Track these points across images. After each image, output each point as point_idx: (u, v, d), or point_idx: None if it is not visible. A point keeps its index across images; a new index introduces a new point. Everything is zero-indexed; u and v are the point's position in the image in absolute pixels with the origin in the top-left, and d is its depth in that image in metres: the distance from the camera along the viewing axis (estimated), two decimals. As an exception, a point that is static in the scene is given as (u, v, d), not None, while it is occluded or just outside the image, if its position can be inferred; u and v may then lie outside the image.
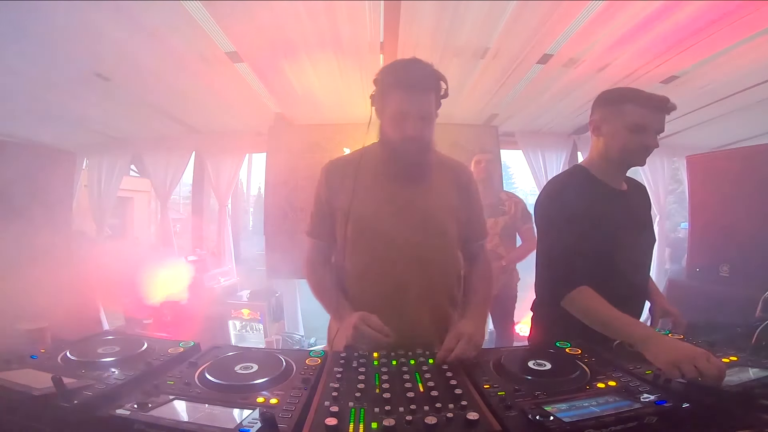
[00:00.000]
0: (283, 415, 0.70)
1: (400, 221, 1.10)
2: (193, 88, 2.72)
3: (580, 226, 1.13)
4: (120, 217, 10.64)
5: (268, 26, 2.02)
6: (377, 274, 1.11)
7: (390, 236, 1.10)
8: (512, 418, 0.69)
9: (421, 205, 1.12)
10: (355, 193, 1.10)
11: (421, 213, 1.11)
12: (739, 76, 2.40)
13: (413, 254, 1.10)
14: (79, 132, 3.53)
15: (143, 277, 3.25)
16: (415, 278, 1.10)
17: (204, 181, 4.06)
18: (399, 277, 1.10)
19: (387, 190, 1.12)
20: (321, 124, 3.54)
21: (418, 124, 1.05)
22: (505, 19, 1.96)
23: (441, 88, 1.09)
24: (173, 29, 1.98)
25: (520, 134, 3.78)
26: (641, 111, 1.13)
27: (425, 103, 1.05)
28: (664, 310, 1.28)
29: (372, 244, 1.11)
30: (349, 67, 2.42)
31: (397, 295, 1.10)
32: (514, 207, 2.54)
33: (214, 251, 3.99)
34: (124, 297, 3.44)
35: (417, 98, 1.04)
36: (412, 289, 1.10)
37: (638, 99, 1.14)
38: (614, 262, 1.17)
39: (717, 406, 0.73)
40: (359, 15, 1.94)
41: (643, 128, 1.14)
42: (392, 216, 1.10)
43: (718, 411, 0.73)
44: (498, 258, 2.49)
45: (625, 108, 1.15)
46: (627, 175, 1.31)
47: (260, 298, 3.47)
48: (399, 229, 1.10)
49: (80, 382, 0.81)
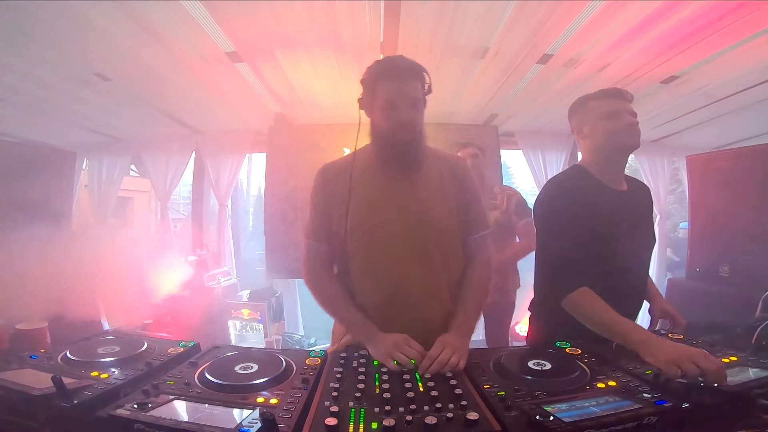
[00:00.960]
0: (283, 415, 0.70)
1: (398, 216, 1.10)
2: (193, 88, 2.72)
3: (579, 226, 1.13)
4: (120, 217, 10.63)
5: (269, 26, 2.01)
6: (378, 269, 1.11)
7: (389, 232, 1.10)
8: (512, 418, 0.69)
9: (419, 199, 1.11)
10: (351, 192, 1.11)
11: (418, 207, 1.11)
12: (739, 76, 2.39)
13: (413, 249, 1.10)
14: (79, 132, 3.53)
15: (143, 277, 3.25)
16: (416, 270, 1.10)
17: (204, 181, 4.05)
18: (400, 272, 1.10)
19: (383, 187, 1.13)
20: (321, 124, 3.54)
21: (408, 110, 1.07)
22: (505, 19, 1.96)
23: (425, 79, 1.10)
24: (173, 29, 1.98)
25: (520, 134, 3.78)
26: (605, 101, 1.22)
27: (413, 90, 1.07)
28: (664, 310, 1.29)
29: (371, 240, 1.11)
30: (349, 67, 2.41)
31: (399, 290, 1.10)
32: (506, 201, 2.28)
33: (214, 251, 3.99)
34: (124, 297, 3.44)
35: (405, 85, 1.06)
36: (414, 283, 1.10)
37: (597, 95, 1.25)
38: (612, 261, 1.17)
39: (717, 406, 0.73)
40: (359, 15, 1.94)
41: (615, 113, 1.20)
42: (390, 212, 1.11)
43: (718, 411, 0.73)
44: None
45: (590, 105, 1.25)
46: (628, 174, 1.31)
47: (260, 298, 3.47)
48: (397, 224, 1.10)
49: (80, 382, 0.81)
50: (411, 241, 1.10)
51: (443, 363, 0.90)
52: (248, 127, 3.72)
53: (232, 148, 3.86)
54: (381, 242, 1.10)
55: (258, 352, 1.01)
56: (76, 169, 3.33)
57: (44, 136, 3.37)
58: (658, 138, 3.68)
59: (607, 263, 1.15)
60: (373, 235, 1.11)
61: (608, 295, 1.06)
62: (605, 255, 1.15)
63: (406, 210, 1.11)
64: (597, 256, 1.13)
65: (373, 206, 1.12)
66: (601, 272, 1.12)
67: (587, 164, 1.28)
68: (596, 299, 1.06)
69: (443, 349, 0.93)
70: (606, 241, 1.16)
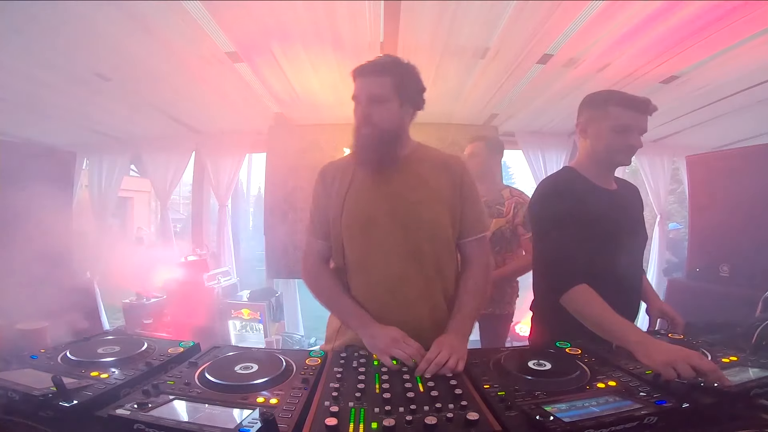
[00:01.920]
0: (283, 415, 0.70)
1: (391, 215, 1.11)
2: (193, 88, 2.72)
3: (571, 225, 1.14)
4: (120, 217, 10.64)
5: (268, 26, 2.01)
6: (372, 267, 1.12)
7: (382, 231, 1.11)
8: (512, 418, 0.69)
9: (412, 198, 1.11)
10: (348, 191, 1.13)
11: (412, 206, 1.11)
12: (739, 76, 2.39)
13: (406, 247, 1.10)
14: (79, 132, 3.53)
15: (143, 277, 3.26)
16: (408, 271, 1.10)
17: (204, 181, 4.05)
18: (392, 270, 1.10)
19: (377, 186, 1.13)
20: (321, 124, 3.53)
21: (367, 105, 1.09)
22: (505, 19, 1.95)
23: (402, 74, 1.10)
24: (173, 29, 1.98)
25: (520, 134, 3.78)
26: (625, 113, 1.16)
27: (374, 86, 1.08)
28: (661, 311, 1.29)
29: (365, 239, 1.12)
30: (349, 67, 2.37)
31: (392, 288, 1.10)
32: (513, 210, 2.03)
33: (214, 251, 3.99)
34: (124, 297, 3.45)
35: (367, 81, 1.09)
36: (406, 281, 1.10)
37: (622, 101, 1.17)
38: (605, 259, 1.17)
39: (717, 406, 0.73)
40: (359, 15, 1.94)
41: (628, 129, 1.17)
42: (383, 210, 1.11)
43: (718, 411, 0.73)
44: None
45: (609, 110, 1.18)
46: (617, 176, 1.33)
47: (260, 298, 3.47)
48: (390, 224, 1.10)
49: (80, 382, 0.81)
50: (403, 241, 1.10)
51: (440, 365, 0.90)
52: (248, 127, 3.72)
53: (232, 148, 3.86)
54: (374, 241, 1.11)
55: (258, 352, 1.01)
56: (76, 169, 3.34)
57: (44, 136, 3.37)
58: (658, 138, 3.68)
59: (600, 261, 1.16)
60: (366, 234, 1.11)
61: (602, 291, 1.07)
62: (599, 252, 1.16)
63: (399, 210, 1.11)
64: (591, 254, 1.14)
65: (368, 206, 1.12)
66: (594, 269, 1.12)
67: (578, 165, 1.29)
68: (594, 297, 1.06)
69: (440, 351, 0.93)
70: (599, 238, 1.17)
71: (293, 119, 3.57)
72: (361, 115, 1.09)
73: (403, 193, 1.12)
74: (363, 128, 1.09)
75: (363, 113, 1.09)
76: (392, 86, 1.08)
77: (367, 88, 1.09)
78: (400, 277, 1.10)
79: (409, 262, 1.10)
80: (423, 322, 1.10)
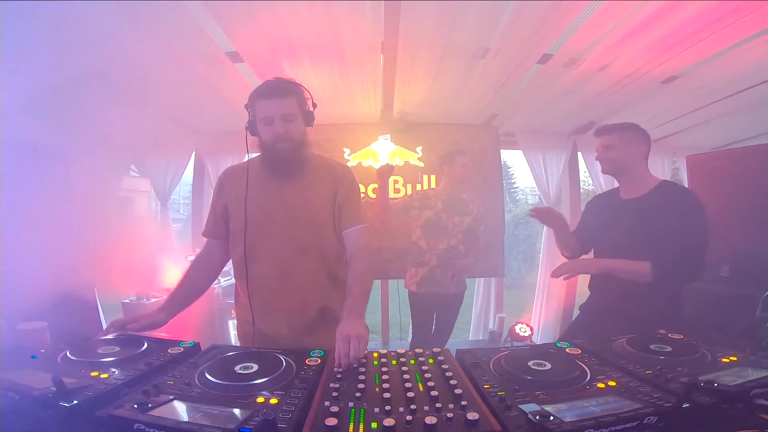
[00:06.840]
0: (283, 415, 0.70)
1: (281, 214, 1.30)
2: (193, 88, 2.71)
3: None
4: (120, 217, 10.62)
5: (269, 26, 2.01)
6: (264, 258, 1.30)
7: (273, 226, 1.29)
8: (512, 418, 0.69)
9: (300, 200, 1.31)
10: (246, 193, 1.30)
11: (299, 207, 1.30)
12: (739, 76, 2.39)
13: (293, 242, 1.29)
14: (80, 132, 3.52)
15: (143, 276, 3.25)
16: (296, 262, 1.29)
17: (204, 181, 4.05)
18: (283, 262, 1.29)
19: (270, 189, 1.31)
20: (321, 124, 3.51)
21: (281, 123, 1.24)
22: (505, 19, 1.95)
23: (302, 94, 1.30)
24: (173, 29, 1.98)
25: (520, 134, 3.77)
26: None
27: (284, 106, 1.25)
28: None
29: (258, 233, 1.29)
30: (349, 66, 2.41)
31: (283, 277, 1.29)
32: (477, 210, 2.66)
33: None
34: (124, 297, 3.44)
35: (276, 102, 1.24)
36: (294, 271, 1.29)
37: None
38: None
39: (717, 406, 0.73)
40: (359, 15, 1.94)
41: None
42: (275, 210, 1.30)
43: (718, 411, 0.73)
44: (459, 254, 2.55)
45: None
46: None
47: (260, 298, 3.46)
48: (280, 221, 1.29)
49: (80, 382, 0.81)
50: (292, 234, 1.29)
51: (358, 356, 0.95)
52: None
53: (232, 148, 3.85)
54: (266, 235, 1.29)
55: (258, 352, 1.01)
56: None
57: (44, 136, 3.36)
58: (658, 138, 3.68)
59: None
60: (259, 229, 1.29)
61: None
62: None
63: (288, 208, 1.30)
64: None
65: (261, 205, 1.30)
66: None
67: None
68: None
69: (348, 342, 0.97)
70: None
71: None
72: (277, 132, 1.24)
73: (292, 194, 1.31)
74: (280, 144, 1.25)
75: (279, 130, 1.24)
76: (297, 105, 1.28)
77: (280, 108, 1.24)
78: (289, 265, 1.29)
79: (297, 252, 1.29)
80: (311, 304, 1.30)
